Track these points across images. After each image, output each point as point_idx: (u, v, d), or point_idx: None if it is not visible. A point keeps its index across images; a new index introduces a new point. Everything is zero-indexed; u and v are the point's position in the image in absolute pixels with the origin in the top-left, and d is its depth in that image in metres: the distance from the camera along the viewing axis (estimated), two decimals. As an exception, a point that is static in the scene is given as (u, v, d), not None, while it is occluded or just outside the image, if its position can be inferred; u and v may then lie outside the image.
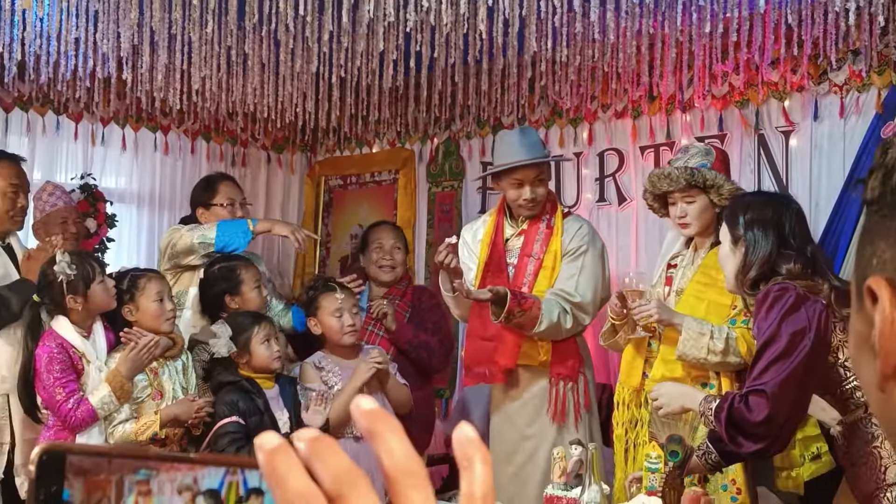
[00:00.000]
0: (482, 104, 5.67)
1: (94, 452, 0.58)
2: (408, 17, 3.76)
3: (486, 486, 0.54)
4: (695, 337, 3.31)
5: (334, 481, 0.51)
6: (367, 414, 0.53)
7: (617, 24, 4.14)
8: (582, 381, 3.95)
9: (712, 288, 3.48)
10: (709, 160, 3.58)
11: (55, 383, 3.44)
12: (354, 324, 3.96)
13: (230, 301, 4.00)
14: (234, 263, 4.09)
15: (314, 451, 0.52)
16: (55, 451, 0.58)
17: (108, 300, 3.61)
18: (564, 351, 3.91)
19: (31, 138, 5.84)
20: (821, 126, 4.95)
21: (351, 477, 0.51)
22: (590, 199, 5.77)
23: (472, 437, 0.55)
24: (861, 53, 4.72)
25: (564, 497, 2.97)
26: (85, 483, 0.57)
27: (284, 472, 0.51)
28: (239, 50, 4.59)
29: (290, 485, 0.51)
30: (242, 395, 3.55)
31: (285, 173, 6.99)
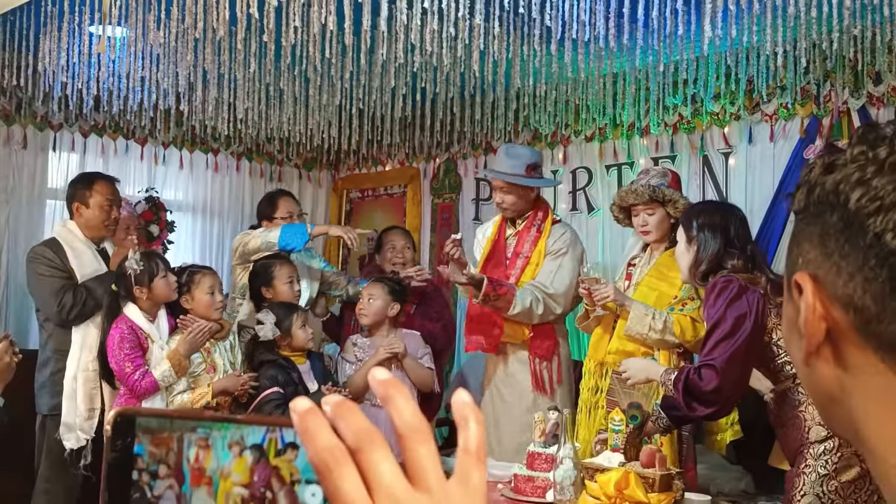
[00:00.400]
0: (476, 130, 5.67)
1: (159, 414, 0.59)
2: (414, 60, 3.76)
3: (478, 441, 0.54)
4: (640, 317, 3.37)
5: (355, 437, 0.51)
6: (381, 382, 0.53)
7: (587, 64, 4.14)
8: (556, 359, 3.94)
9: (663, 282, 3.52)
10: (666, 180, 3.60)
11: (125, 358, 3.46)
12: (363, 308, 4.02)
13: (265, 292, 3.97)
14: (269, 262, 4.04)
15: (338, 412, 0.52)
16: (127, 414, 0.59)
17: (169, 293, 3.61)
18: (542, 334, 3.91)
19: (105, 159, 5.83)
20: (754, 148, 4.95)
21: (369, 433, 0.51)
22: (564, 208, 5.77)
23: (467, 401, 0.55)
24: (787, 89, 4.72)
25: (544, 453, 2.97)
26: (152, 440, 0.58)
27: (314, 430, 0.51)
28: (276, 86, 4.59)
29: (319, 440, 0.51)
30: (280, 370, 3.55)
31: (314, 187, 6.99)
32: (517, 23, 3.72)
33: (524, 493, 2.97)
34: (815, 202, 0.65)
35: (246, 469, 0.56)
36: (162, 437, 0.58)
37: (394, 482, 0.50)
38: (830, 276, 0.63)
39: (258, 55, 4.06)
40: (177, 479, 0.57)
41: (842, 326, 0.63)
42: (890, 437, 0.62)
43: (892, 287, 0.59)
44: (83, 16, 3.64)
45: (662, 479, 2.64)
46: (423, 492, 0.51)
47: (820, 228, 0.65)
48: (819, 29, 3.47)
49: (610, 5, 3.29)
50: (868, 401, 0.63)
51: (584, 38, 3.50)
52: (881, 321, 0.60)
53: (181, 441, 0.58)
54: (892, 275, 0.59)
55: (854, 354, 0.63)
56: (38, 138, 5.54)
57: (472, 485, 0.52)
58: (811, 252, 0.65)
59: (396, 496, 0.50)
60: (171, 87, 4.32)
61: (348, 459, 0.51)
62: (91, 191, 4.04)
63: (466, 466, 0.53)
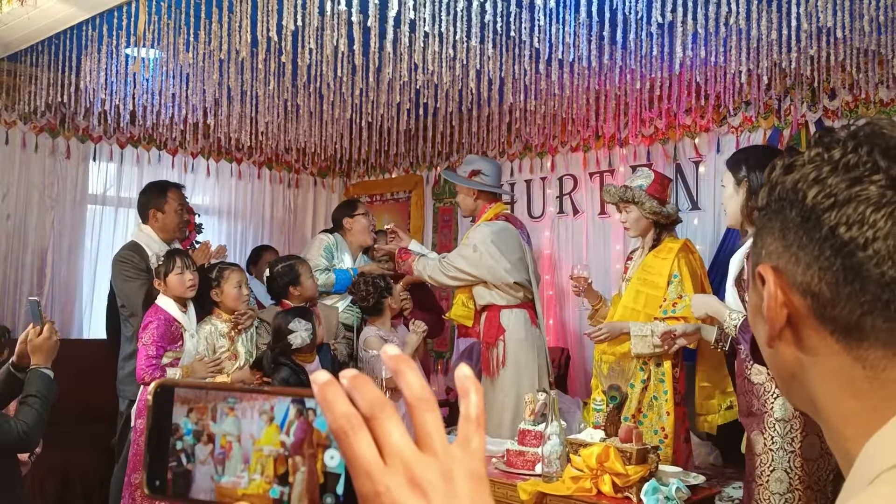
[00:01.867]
0: (473, 142, 5.68)
1: (195, 386, 0.59)
2: (417, 78, 3.77)
3: (478, 409, 0.54)
4: (640, 338, 3.27)
5: (369, 406, 0.51)
6: (392, 358, 0.53)
7: (571, 82, 4.15)
8: (501, 345, 3.93)
9: (648, 285, 3.41)
10: (647, 182, 3.48)
11: (152, 343, 3.39)
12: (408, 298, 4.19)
13: (293, 290, 3.90)
14: (293, 262, 4.00)
15: (354, 384, 0.52)
16: (167, 385, 0.59)
17: (182, 289, 3.50)
18: (489, 322, 3.98)
19: (140, 168, 5.84)
20: (722, 157, 4.93)
21: (381, 402, 0.51)
22: (552, 211, 5.78)
23: (468, 374, 0.55)
24: (751, 103, 4.73)
25: (533, 430, 2.98)
26: (189, 409, 0.59)
27: (332, 399, 0.51)
28: (293, 102, 4.60)
29: (337, 408, 0.51)
30: (292, 373, 3.49)
31: (327, 193, 6.99)
32: (509, 45, 3.73)
33: (516, 466, 2.98)
34: (776, 199, 0.66)
35: (276, 436, 0.57)
36: (198, 407, 0.58)
37: (403, 445, 0.51)
38: (790, 265, 0.63)
39: (277, 74, 4.08)
40: (211, 446, 0.57)
41: (801, 312, 0.63)
42: (845, 413, 0.62)
43: (844, 275, 0.60)
44: (120, 39, 3.65)
45: (639, 453, 2.65)
46: (430, 454, 0.51)
47: (780, 223, 0.65)
48: (779, 50, 3.48)
49: (592, 29, 3.30)
50: (825, 380, 0.63)
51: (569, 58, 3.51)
52: (835, 306, 0.61)
53: (214, 410, 0.58)
54: (844, 264, 0.60)
55: (812, 337, 0.63)
56: (79, 149, 5.55)
57: (473, 448, 0.53)
58: (772, 244, 0.65)
59: (405, 457, 0.51)
60: (199, 103, 4.34)
61: (363, 425, 0.51)
62: (165, 198, 4.07)
63: (468, 432, 0.53)
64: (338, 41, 3.09)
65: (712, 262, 4.86)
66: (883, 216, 0.59)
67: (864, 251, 0.59)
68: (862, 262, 0.59)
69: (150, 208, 4.07)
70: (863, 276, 0.59)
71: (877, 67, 4.09)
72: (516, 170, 5.99)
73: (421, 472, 0.50)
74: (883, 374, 0.60)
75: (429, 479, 0.50)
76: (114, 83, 4.23)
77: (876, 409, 0.60)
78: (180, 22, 3.53)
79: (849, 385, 0.61)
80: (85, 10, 3.64)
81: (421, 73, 3.68)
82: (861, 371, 0.61)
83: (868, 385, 0.60)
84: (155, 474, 0.58)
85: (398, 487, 0.50)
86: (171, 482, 0.58)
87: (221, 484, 0.57)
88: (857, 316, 0.60)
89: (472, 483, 0.51)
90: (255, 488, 0.56)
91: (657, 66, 4.04)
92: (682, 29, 3.04)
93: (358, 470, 0.51)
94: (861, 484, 0.58)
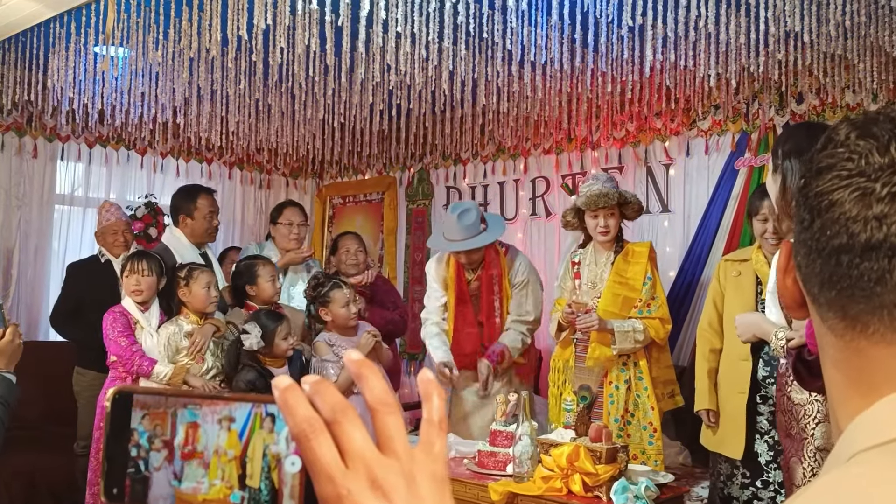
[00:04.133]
0: (446, 143, 5.67)
1: (154, 392, 0.58)
2: (390, 79, 3.76)
3: (440, 413, 0.54)
4: (624, 334, 3.30)
5: (331, 410, 0.51)
6: (355, 362, 0.53)
7: (544, 84, 4.16)
8: None
9: (623, 286, 3.43)
10: (615, 184, 3.52)
11: (118, 335, 3.42)
12: (357, 312, 3.79)
13: (249, 290, 3.81)
14: (253, 262, 3.91)
15: (315, 389, 0.52)
16: (125, 391, 0.58)
17: (127, 289, 3.54)
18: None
19: (109, 168, 5.76)
20: (691, 160, 5.00)
21: (343, 407, 0.51)
22: (525, 213, 5.79)
23: (430, 378, 0.55)
24: (720, 107, 4.78)
25: (504, 431, 2.98)
26: (147, 415, 0.57)
27: (294, 404, 0.51)
28: (264, 101, 4.56)
29: (298, 412, 0.51)
30: (258, 376, 3.41)
31: (300, 194, 6.94)
32: (482, 47, 3.73)
33: (487, 466, 2.98)
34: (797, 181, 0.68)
35: (236, 442, 0.56)
36: (157, 413, 0.57)
37: (365, 448, 0.51)
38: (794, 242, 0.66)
39: (247, 73, 4.04)
40: (170, 452, 0.56)
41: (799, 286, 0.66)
42: (831, 381, 0.64)
43: (808, 248, 0.61)
44: (88, 37, 3.59)
45: (608, 452, 2.66)
46: (392, 457, 0.51)
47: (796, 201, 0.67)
48: (747, 54, 3.52)
49: (564, 32, 3.31)
50: (823, 351, 0.65)
51: (541, 60, 3.52)
52: (808, 280, 0.62)
53: (175, 416, 0.57)
54: (814, 236, 0.61)
55: (813, 311, 0.65)
56: (47, 149, 5.45)
57: (435, 451, 0.53)
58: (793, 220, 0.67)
59: (367, 460, 0.50)
60: (169, 102, 4.28)
61: (324, 429, 0.51)
62: (195, 204, 4.06)
63: (430, 435, 0.53)
64: (309, 40, 3.06)
65: (682, 265, 4.90)
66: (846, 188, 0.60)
67: (819, 218, 0.61)
68: (815, 234, 0.61)
69: (180, 213, 4.09)
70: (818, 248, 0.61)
71: (843, 72, 4.15)
72: (489, 172, 5.99)
73: (383, 474, 0.50)
74: (851, 344, 0.61)
75: (391, 482, 0.50)
76: (82, 81, 4.17)
77: (851, 381, 0.62)
78: (149, 20, 3.49)
79: (831, 355, 0.63)
80: (52, 8, 3.58)
81: (393, 73, 3.66)
82: (835, 341, 0.62)
83: (841, 355, 0.62)
84: (113, 482, 0.58)
85: (360, 490, 0.49)
86: (129, 489, 0.57)
87: (181, 490, 0.56)
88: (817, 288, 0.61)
89: (434, 485, 0.51)
90: (216, 493, 0.55)
91: (628, 69, 4.06)
92: (653, 32, 3.06)
93: (319, 474, 0.50)
94: (840, 461, 0.59)
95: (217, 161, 6.29)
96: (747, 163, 4.67)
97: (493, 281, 3.68)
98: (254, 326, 3.48)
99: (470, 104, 4.93)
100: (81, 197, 5.68)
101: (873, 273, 0.58)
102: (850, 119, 0.65)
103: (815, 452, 2.41)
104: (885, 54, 3.71)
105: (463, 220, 3.54)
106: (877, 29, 3.40)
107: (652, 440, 3.34)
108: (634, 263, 3.42)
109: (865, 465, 0.56)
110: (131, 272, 3.53)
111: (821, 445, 2.40)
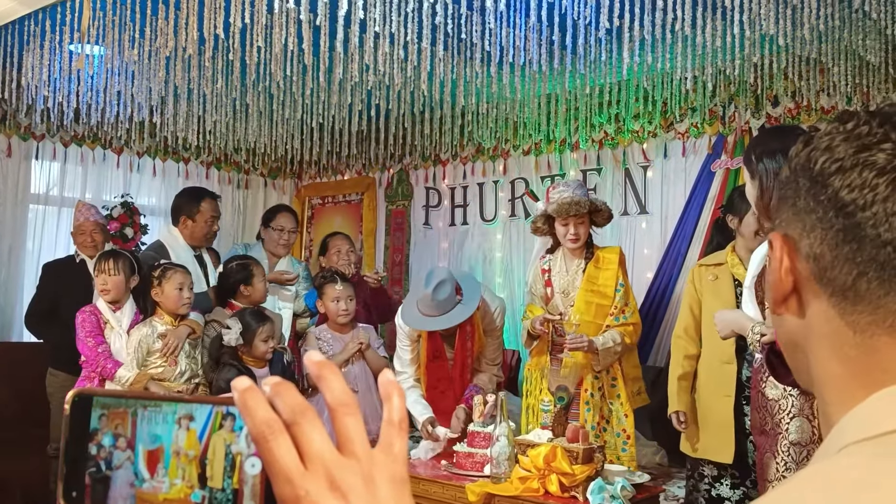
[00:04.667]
0: (425, 144, 5.67)
1: (113, 395, 0.57)
2: (368, 79, 3.74)
3: (400, 413, 0.54)
4: (607, 353, 3.27)
5: (290, 412, 0.51)
6: (316, 363, 0.53)
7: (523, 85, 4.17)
8: None
9: (596, 294, 3.39)
10: (586, 190, 3.43)
11: (87, 335, 3.40)
12: (347, 309, 3.77)
13: (244, 289, 3.79)
14: (248, 262, 3.90)
15: (276, 391, 0.51)
16: (85, 394, 0.57)
17: (99, 291, 3.53)
18: None
19: (84, 167, 5.70)
20: (669, 162, 5.04)
21: (303, 408, 0.51)
22: (504, 214, 5.80)
23: (391, 379, 0.55)
24: (697, 110, 4.82)
25: (482, 432, 2.98)
26: (109, 416, 0.57)
27: (253, 405, 0.51)
28: (242, 101, 4.54)
29: (257, 414, 0.50)
30: (237, 374, 3.36)
31: (279, 194, 6.92)
32: (460, 47, 3.73)
33: (465, 467, 2.98)
34: (793, 170, 0.68)
35: (196, 441, 0.55)
36: (118, 412, 0.57)
37: (324, 449, 0.50)
38: (797, 230, 0.66)
39: (225, 72, 4.01)
40: (131, 453, 0.56)
41: (804, 277, 0.65)
42: (830, 378, 0.64)
43: (844, 236, 0.62)
44: (63, 34, 3.55)
45: (585, 453, 2.66)
46: (351, 458, 0.51)
47: (793, 191, 0.67)
48: (724, 57, 3.55)
49: (542, 33, 3.32)
50: (819, 345, 0.65)
51: (519, 62, 3.53)
52: (834, 267, 0.63)
53: (135, 417, 0.57)
54: (844, 224, 0.62)
55: (812, 303, 0.65)
56: (21, 148, 5.39)
57: (395, 452, 0.53)
58: (785, 213, 0.68)
59: (326, 462, 0.50)
60: (145, 101, 4.24)
61: (283, 431, 0.50)
62: (198, 207, 4.04)
63: (390, 436, 0.53)
64: (287, 40, 3.05)
65: (659, 266, 4.93)
66: (885, 181, 0.61)
67: (862, 212, 0.61)
68: (860, 222, 0.61)
69: (182, 214, 4.07)
70: (860, 236, 0.61)
71: (818, 76, 4.19)
72: (469, 173, 6.00)
73: (342, 475, 0.50)
74: (870, 340, 0.62)
75: (349, 483, 0.50)
76: (57, 80, 4.12)
77: (856, 376, 0.62)
78: (125, 18, 3.45)
79: (838, 349, 0.63)
80: (27, 5, 3.53)
81: (372, 73, 3.65)
82: (851, 336, 0.62)
83: (855, 352, 0.62)
84: (72, 485, 0.57)
85: (318, 491, 0.49)
86: (89, 492, 0.56)
87: (142, 490, 0.56)
88: (853, 277, 0.62)
89: (394, 486, 0.51)
90: (177, 493, 0.55)
91: (606, 71, 4.08)
92: (630, 35, 3.07)
93: (278, 475, 0.50)
94: (831, 452, 0.60)
95: (194, 161, 6.25)
96: (723, 165, 4.71)
97: (467, 337, 3.55)
98: (235, 322, 3.48)
99: (449, 105, 4.93)
100: (57, 196, 5.62)
101: None
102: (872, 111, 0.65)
103: (788, 447, 2.40)
104: (859, 58, 3.76)
105: (438, 295, 3.36)
106: (850, 33, 3.44)
107: (626, 447, 3.33)
108: (605, 269, 3.39)
109: (856, 456, 0.57)
110: (99, 271, 3.51)
111: (795, 440, 2.40)
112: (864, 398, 0.61)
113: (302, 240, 6.82)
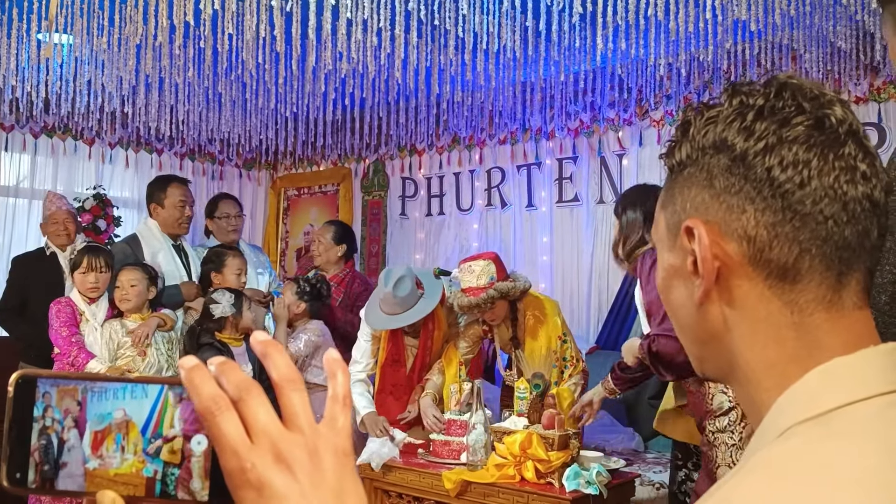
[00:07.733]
0: (401, 134, 5.64)
1: (59, 376, 0.57)
2: (342, 67, 3.71)
3: (345, 389, 0.54)
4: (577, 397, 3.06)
5: (236, 389, 0.51)
6: (260, 342, 0.54)
7: (497, 73, 4.16)
8: None
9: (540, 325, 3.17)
10: (493, 271, 3.10)
11: (61, 326, 3.37)
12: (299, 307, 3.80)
13: (214, 277, 3.80)
14: (225, 251, 3.94)
15: (221, 370, 0.52)
16: (28, 376, 0.57)
17: (83, 287, 3.49)
18: None
19: (55, 158, 5.62)
20: (644, 150, 5.05)
21: (248, 385, 0.51)
22: (480, 204, 5.79)
23: (336, 357, 0.55)
24: (671, 98, 4.83)
25: (458, 420, 2.98)
26: (58, 390, 0.56)
27: (199, 382, 0.51)
28: (214, 90, 4.48)
29: (204, 390, 0.51)
30: (216, 352, 3.40)
31: (254, 185, 6.86)
32: (434, 34, 3.71)
33: (441, 455, 2.97)
34: (698, 151, 0.65)
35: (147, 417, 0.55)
36: (67, 391, 0.56)
37: (269, 424, 0.51)
38: (720, 213, 0.63)
39: (196, 60, 3.96)
40: (80, 431, 0.56)
41: (734, 260, 0.63)
42: (768, 360, 0.63)
43: (783, 214, 0.61)
44: (31, 23, 3.48)
45: (561, 439, 2.67)
46: (296, 432, 0.51)
47: (706, 174, 0.65)
48: (697, 43, 3.55)
49: (516, 19, 3.30)
50: (753, 330, 0.63)
51: (493, 49, 3.51)
52: (773, 248, 0.62)
53: (84, 395, 0.56)
54: (783, 204, 0.61)
55: (742, 287, 0.63)
56: (-11, 139, 5.30)
57: (339, 426, 0.53)
58: (698, 196, 0.65)
59: (272, 435, 0.51)
60: (116, 91, 4.18)
61: (230, 406, 0.51)
62: (165, 192, 3.99)
63: (334, 411, 0.54)
64: (258, 26, 3.01)
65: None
66: (815, 155, 0.61)
67: (801, 189, 0.61)
68: (801, 199, 0.61)
69: (151, 202, 4.03)
70: (802, 213, 0.61)
71: (790, 62, 4.21)
72: (445, 163, 5.98)
73: (287, 448, 0.51)
74: (809, 318, 0.61)
75: (295, 456, 0.51)
76: (25, 69, 4.04)
77: (794, 359, 0.61)
78: (94, 5, 3.39)
79: (774, 333, 0.62)
80: (-10, -8, 3.46)
81: (345, 62, 3.62)
82: (789, 317, 0.62)
83: (793, 332, 0.62)
84: (15, 466, 0.56)
85: (264, 463, 0.50)
86: (38, 472, 0.56)
87: (92, 467, 0.55)
88: (794, 255, 0.61)
89: (337, 459, 0.52)
90: (129, 468, 0.55)
91: (581, 58, 4.08)
92: (603, 21, 3.07)
93: (224, 448, 0.51)
94: (770, 436, 0.59)
95: (168, 152, 6.17)
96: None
97: (429, 336, 3.43)
98: (222, 294, 3.49)
99: (424, 94, 4.91)
100: (27, 189, 5.53)
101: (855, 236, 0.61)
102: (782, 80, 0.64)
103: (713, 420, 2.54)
104: (830, 44, 3.78)
105: (398, 291, 3.24)
106: (821, 19, 3.46)
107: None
108: (546, 325, 3.16)
109: (800, 439, 0.56)
110: (90, 269, 3.48)
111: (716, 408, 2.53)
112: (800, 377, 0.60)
113: (277, 232, 6.77)
